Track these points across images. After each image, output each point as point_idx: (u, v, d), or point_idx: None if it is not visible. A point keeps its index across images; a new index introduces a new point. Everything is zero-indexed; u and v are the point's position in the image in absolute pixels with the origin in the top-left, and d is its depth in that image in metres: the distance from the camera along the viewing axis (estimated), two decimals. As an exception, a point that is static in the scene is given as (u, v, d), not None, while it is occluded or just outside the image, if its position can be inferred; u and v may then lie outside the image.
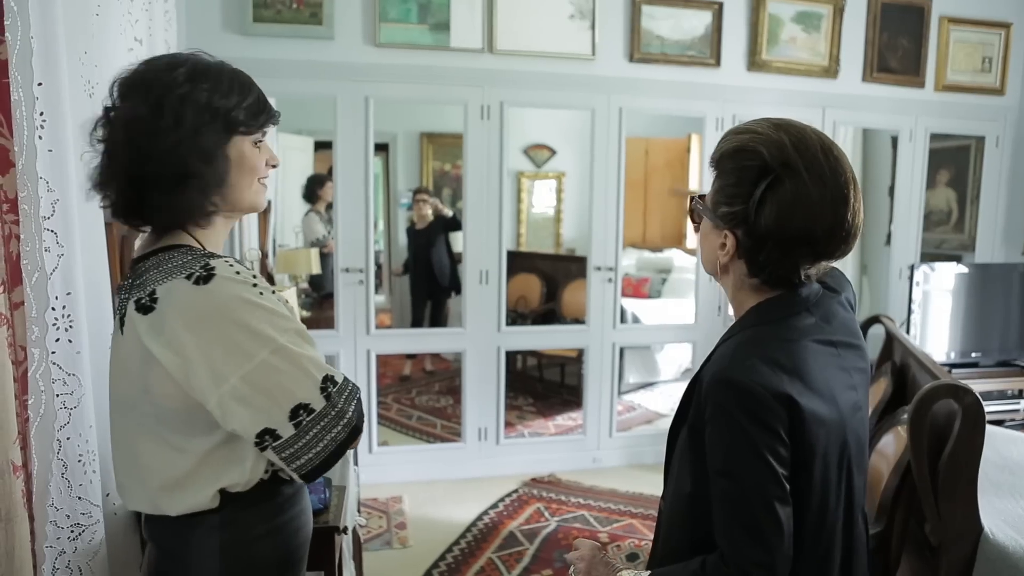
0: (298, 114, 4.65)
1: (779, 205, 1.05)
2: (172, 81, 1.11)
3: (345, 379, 1.13)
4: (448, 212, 5.58)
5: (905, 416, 1.81)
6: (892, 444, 2.01)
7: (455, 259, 5.56)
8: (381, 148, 6.04)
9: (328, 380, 1.10)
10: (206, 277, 1.07)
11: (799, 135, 1.08)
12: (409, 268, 5.80)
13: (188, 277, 1.08)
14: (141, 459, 1.16)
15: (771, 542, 1.02)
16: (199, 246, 1.17)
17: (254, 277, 1.11)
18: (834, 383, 1.10)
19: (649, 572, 1.15)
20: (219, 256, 1.14)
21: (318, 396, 1.08)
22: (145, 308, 1.09)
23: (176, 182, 1.10)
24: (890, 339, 2.69)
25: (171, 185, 1.10)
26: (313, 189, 5.25)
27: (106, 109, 1.14)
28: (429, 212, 5.54)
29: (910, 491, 1.80)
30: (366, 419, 3.72)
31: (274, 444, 1.07)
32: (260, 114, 1.18)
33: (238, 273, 1.09)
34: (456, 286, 5.30)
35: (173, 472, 1.13)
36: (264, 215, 4.38)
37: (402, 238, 6.09)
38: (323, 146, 5.14)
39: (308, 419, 1.07)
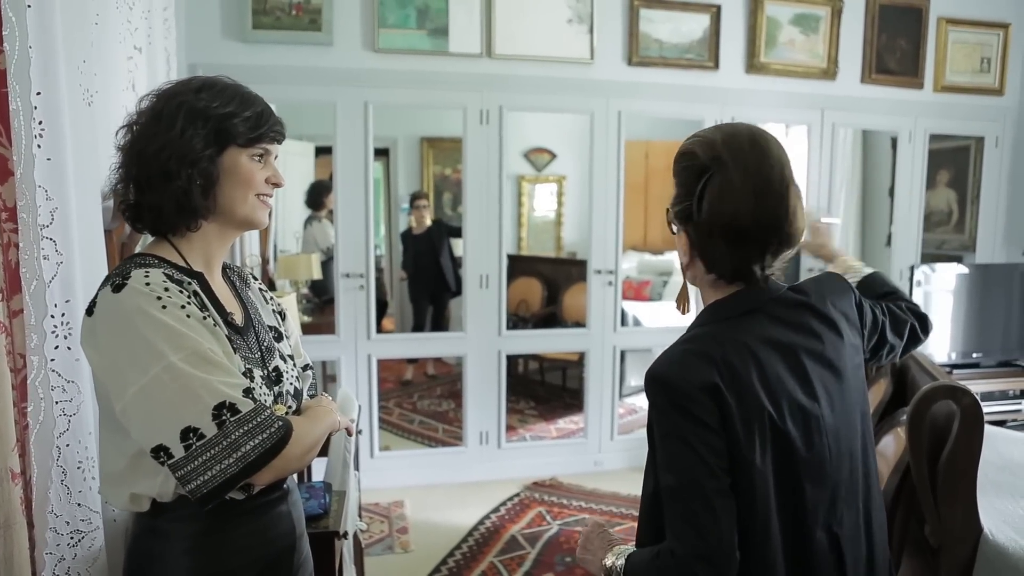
0: (298, 120, 4.66)
1: (710, 197, 1.10)
2: (179, 91, 1.17)
3: (255, 410, 1.09)
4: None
5: (904, 417, 1.81)
6: (892, 445, 2.01)
7: (457, 262, 5.57)
8: (381, 153, 6.04)
9: (225, 408, 1.06)
10: (120, 285, 1.09)
11: (731, 132, 1.13)
12: (408, 272, 5.81)
13: (111, 284, 1.10)
14: (99, 449, 1.21)
15: (708, 533, 1.03)
16: (178, 256, 1.19)
17: (166, 291, 1.10)
18: (782, 387, 1.09)
19: (629, 553, 1.18)
20: (146, 265, 1.14)
21: (209, 422, 1.05)
22: (88, 312, 1.12)
23: (159, 183, 1.13)
24: (890, 340, 2.68)
25: (155, 186, 1.14)
26: (319, 196, 5.25)
27: (130, 117, 1.20)
28: (427, 217, 5.55)
29: (910, 492, 1.80)
30: (367, 424, 3.74)
31: (168, 462, 1.06)
32: (258, 128, 1.19)
33: (148, 284, 1.09)
34: (460, 289, 5.31)
35: (111, 468, 1.17)
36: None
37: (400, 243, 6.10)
38: (324, 151, 5.15)
39: (198, 444, 1.05)
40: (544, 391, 5.58)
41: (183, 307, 1.10)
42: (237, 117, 1.16)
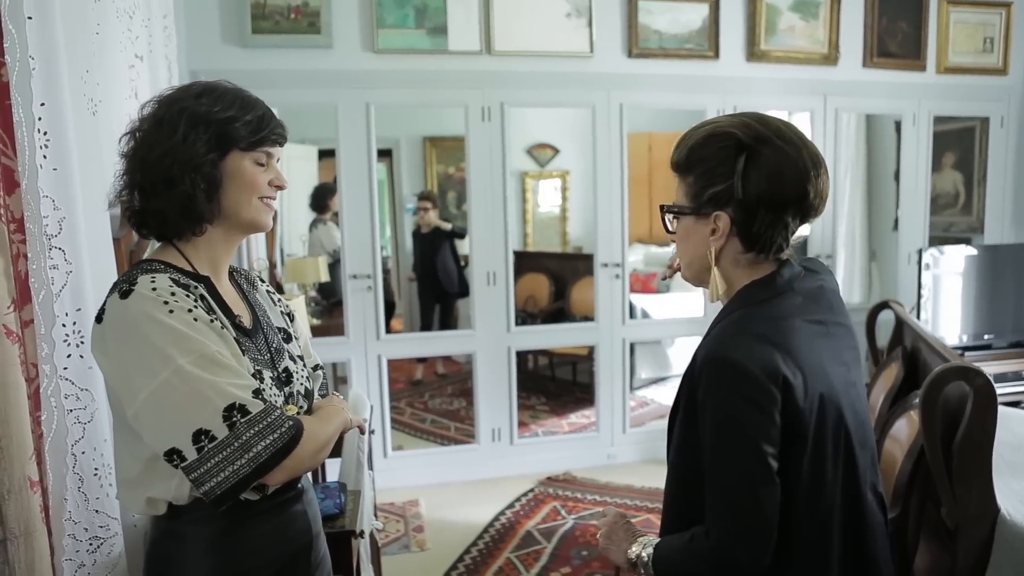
0: (301, 123, 4.67)
1: (767, 172, 1.12)
2: (181, 97, 1.18)
3: (265, 411, 1.09)
4: (446, 226, 5.57)
5: (917, 400, 1.80)
6: (905, 429, 2.00)
7: (460, 264, 5.58)
8: (384, 154, 6.05)
9: (235, 409, 1.07)
10: (127, 292, 1.10)
11: (757, 115, 1.17)
12: (416, 271, 5.83)
13: (118, 290, 1.11)
14: (115, 455, 1.22)
15: (750, 519, 1.07)
16: (184, 261, 1.19)
17: (172, 295, 1.10)
18: (825, 359, 1.14)
19: (656, 542, 1.22)
20: (153, 271, 1.15)
21: (220, 424, 1.06)
22: (97, 319, 1.13)
23: (163, 189, 1.14)
24: (900, 324, 2.67)
25: (159, 192, 1.14)
26: (324, 198, 5.27)
27: (132, 124, 1.20)
28: (432, 217, 5.56)
29: (925, 475, 1.79)
30: (380, 425, 3.75)
31: (182, 465, 1.07)
32: (259, 132, 1.20)
33: (154, 290, 1.10)
34: (464, 290, 5.31)
35: (126, 473, 1.18)
36: (270, 225, 4.41)
37: (409, 242, 6.12)
38: (327, 154, 5.17)
39: (210, 446, 1.06)
40: (555, 387, 5.59)
41: (190, 311, 1.10)
42: (238, 121, 1.17)
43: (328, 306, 4.98)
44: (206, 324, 1.12)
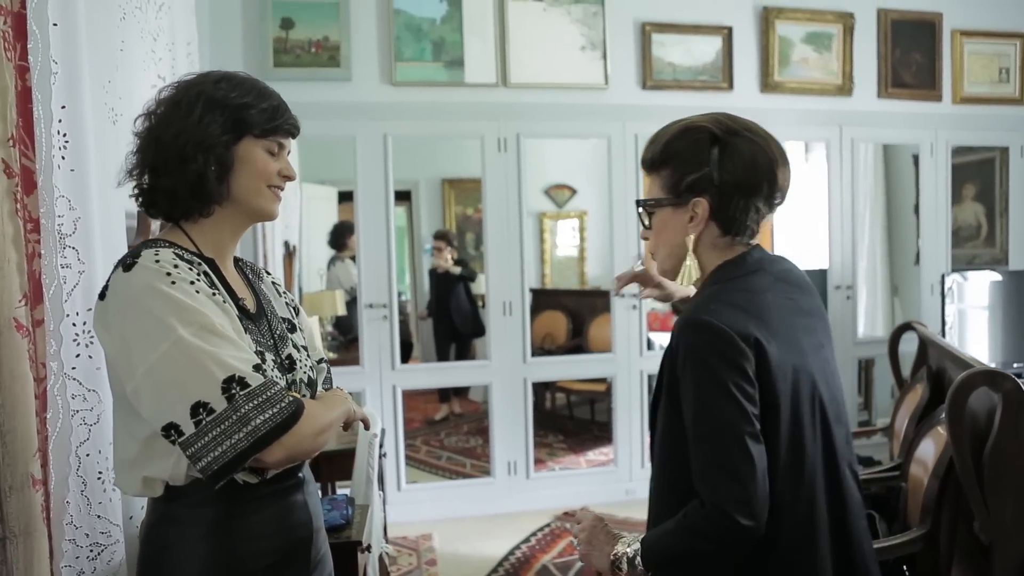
0: (321, 165, 4.76)
1: (741, 160, 1.18)
2: (199, 82, 1.20)
3: (265, 385, 1.07)
4: (456, 270, 5.59)
5: (943, 415, 1.74)
6: (931, 448, 1.94)
7: (476, 304, 5.58)
8: (403, 196, 6.12)
9: (234, 381, 1.05)
10: (130, 264, 1.09)
11: (726, 113, 1.25)
12: (432, 310, 5.84)
13: (122, 264, 1.11)
14: (113, 437, 1.20)
15: (745, 478, 1.05)
16: (190, 242, 1.19)
17: (175, 267, 1.10)
18: (798, 332, 1.17)
19: (642, 536, 1.19)
20: (157, 245, 1.14)
21: (219, 396, 1.04)
22: (101, 296, 1.12)
23: (175, 167, 1.14)
24: (923, 345, 2.61)
25: (171, 169, 1.14)
26: (342, 236, 5.33)
27: (149, 106, 1.21)
28: (445, 259, 5.60)
29: (955, 491, 1.72)
30: (393, 454, 3.70)
31: (179, 440, 1.04)
32: (273, 120, 1.21)
33: (157, 262, 1.09)
34: (478, 330, 5.30)
35: (124, 454, 1.16)
36: (289, 259, 4.45)
37: (427, 283, 6.15)
38: (346, 197, 5.24)
39: (208, 419, 1.03)
40: (573, 425, 5.50)
41: (192, 283, 1.10)
42: (254, 108, 1.18)
43: (345, 342, 4.98)
44: (208, 296, 1.11)
